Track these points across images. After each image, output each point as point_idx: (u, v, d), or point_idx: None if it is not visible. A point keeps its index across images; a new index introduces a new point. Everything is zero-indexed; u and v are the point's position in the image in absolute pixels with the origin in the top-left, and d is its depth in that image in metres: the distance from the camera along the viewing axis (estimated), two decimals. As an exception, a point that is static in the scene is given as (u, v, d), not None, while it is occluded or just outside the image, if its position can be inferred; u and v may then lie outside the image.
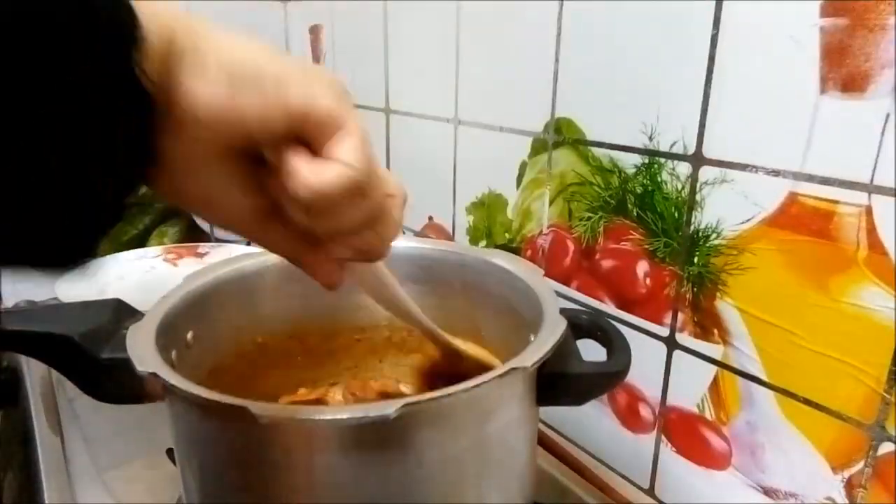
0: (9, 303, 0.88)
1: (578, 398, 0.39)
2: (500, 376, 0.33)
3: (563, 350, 0.36)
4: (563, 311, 0.40)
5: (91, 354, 0.36)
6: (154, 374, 0.32)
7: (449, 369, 0.47)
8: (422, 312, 0.41)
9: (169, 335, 0.39)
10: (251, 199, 0.27)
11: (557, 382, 0.37)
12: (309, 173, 0.24)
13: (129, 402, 0.36)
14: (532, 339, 0.40)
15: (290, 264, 0.31)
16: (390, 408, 0.29)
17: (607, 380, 0.39)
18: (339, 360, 0.54)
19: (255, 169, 0.26)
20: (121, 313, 0.40)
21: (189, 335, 0.43)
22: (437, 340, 0.45)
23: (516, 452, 0.38)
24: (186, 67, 0.23)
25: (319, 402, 0.49)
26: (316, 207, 0.25)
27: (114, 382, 0.36)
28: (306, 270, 0.31)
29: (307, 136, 0.25)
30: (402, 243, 0.55)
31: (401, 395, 0.52)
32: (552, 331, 0.37)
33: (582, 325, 0.42)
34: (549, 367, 0.35)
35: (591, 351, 0.41)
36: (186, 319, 0.42)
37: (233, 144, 0.25)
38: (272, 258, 0.50)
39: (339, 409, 0.30)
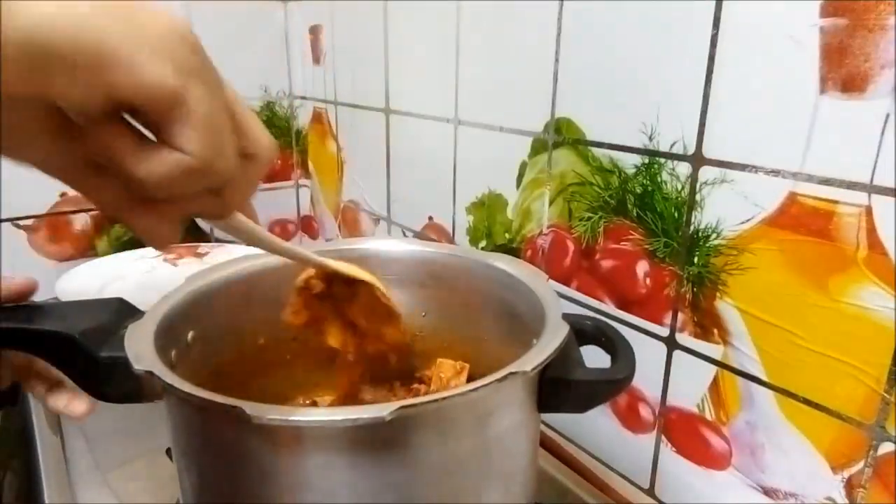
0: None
1: (580, 405, 0.38)
2: (499, 380, 0.32)
3: (566, 356, 0.36)
4: (567, 317, 0.39)
5: (91, 353, 0.36)
6: (150, 373, 0.32)
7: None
8: (285, 244, 0.38)
9: (169, 335, 0.39)
10: (64, 146, 0.23)
11: (559, 388, 0.37)
12: (135, 164, 0.21)
13: (127, 401, 0.36)
14: (535, 343, 0.40)
15: (293, 265, 0.30)
16: (385, 410, 0.29)
17: (610, 387, 0.38)
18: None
19: (68, 119, 0.22)
20: (123, 312, 0.40)
21: (190, 335, 0.43)
22: (313, 264, 0.42)
23: (517, 457, 0.38)
24: None
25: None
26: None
27: (112, 381, 0.36)
28: (135, 231, 0.26)
29: (137, 115, 0.22)
30: (405, 246, 0.55)
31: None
32: (554, 336, 0.37)
33: (586, 331, 0.42)
34: (551, 373, 0.35)
35: (595, 358, 0.40)
36: (187, 319, 0.42)
37: (39, 108, 0.21)
38: (274, 259, 0.50)
39: (333, 410, 0.29)
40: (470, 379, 0.50)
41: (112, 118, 0.21)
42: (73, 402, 0.41)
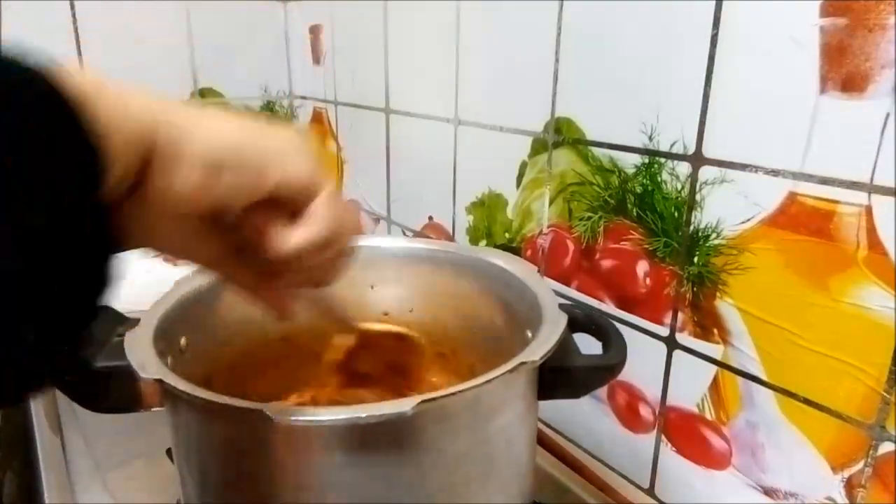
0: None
1: (578, 391, 0.39)
2: (511, 371, 0.33)
3: (563, 344, 0.37)
4: (560, 307, 0.40)
5: (85, 363, 0.35)
6: (160, 381, 0.32)
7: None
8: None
9: (164, 341, 0.38)
10: (214, 245, 0.29)
11: (558, 376, 0.38)
12: (279, 240, 0.27)
13: (124, 411, 0.36)
14: (528, 335, 0.40)
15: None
16: (408, 405, 0.29)
17: (606, 372, 0.40)
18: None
19: (218, 220, 0.27)
20: (111, 320, 0.39)
21: (182, 341, 0.42)
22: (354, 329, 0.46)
23: (518, 449, 0.38)
24: (160, 167, 0.24)
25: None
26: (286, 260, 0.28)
27: (110, 391, 0.36)
28: (264, 304, 0.33)
29: (282, 201, 0.27)
30: (397, 243, 0.55)
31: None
32: (555, 325, 0.38)
33: (577, 319, 0.43)
34: (551, 362, 0.36)
35: (585, 346, 0.41)
36: (179, 325, 0.42)
37: (203, 214, 0.26)
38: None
39: (355, 408, 0.30)
40: (461, 373, 0.50)
41: (260, 208, 0.26)
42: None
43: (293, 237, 0.27)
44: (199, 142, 0.24)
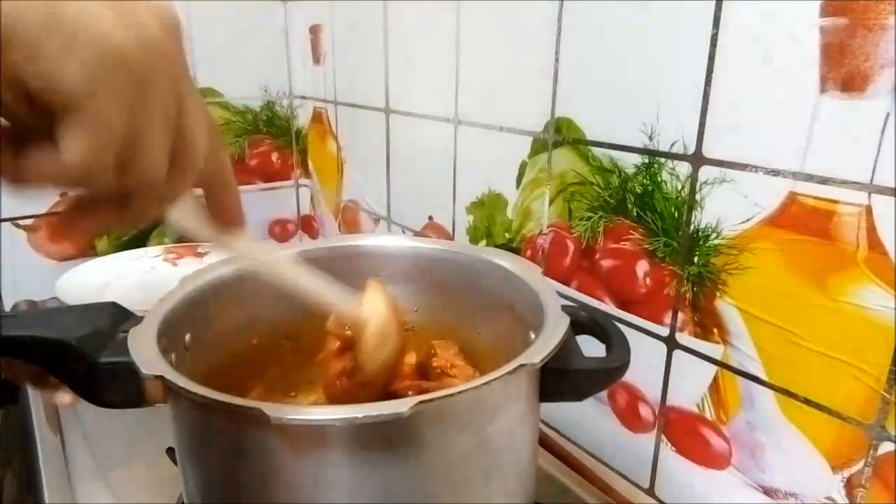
0: (8, 301, 0.88)
1: (580, 394, 0.39)
2: (510, 373, 0.33)
3: (565, 347, 0.37)
4: (563, 308, 0.40)
5: (89, 359, 0.35)
6: (161, 378, 0.32)
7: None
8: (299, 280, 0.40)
9: (168, 338, 0.39)
10: None
11: (560, 378, 0.37)
12: (14, 160, 0.21)
13: (128, 406, 0.36)
14: (532, 336, 0.40)
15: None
16: (404, 406, 0.29)
17: (609, 375, 0.39)
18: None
19: None
20: (117, 317, 0.39)
21: (187, 338, 0.42)
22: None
23: (519, 451, 0.38)
24: None
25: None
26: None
27: (113, 387, 0.36)
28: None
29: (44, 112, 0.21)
30: (399, 242, 0.55)
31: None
32: (556, 327, 0.37)
33: (580, 321, 0.42)
34: (553, 364, 0.36)
35: (587, 348, 0.41)
36: (184, 322, 0.42)
37: None
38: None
39: (352, 408, 0.30)
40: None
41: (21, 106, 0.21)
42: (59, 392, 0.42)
43: (27, 161, 0.21)
44: None
